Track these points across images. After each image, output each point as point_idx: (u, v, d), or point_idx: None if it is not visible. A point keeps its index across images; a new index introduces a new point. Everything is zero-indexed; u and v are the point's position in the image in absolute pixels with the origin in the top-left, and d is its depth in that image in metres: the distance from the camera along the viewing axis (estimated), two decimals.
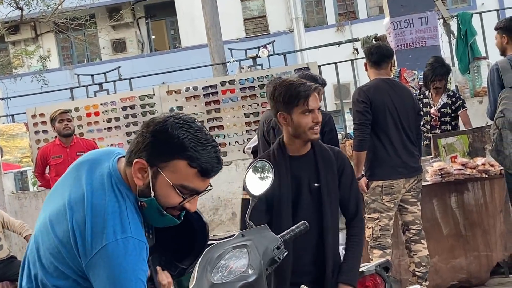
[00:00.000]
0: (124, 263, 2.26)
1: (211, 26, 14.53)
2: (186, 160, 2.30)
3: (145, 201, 2.36)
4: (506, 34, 6.46)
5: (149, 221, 2.45)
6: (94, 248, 2.27)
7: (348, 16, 25.97)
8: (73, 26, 20.24)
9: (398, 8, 8.61)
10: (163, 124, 2.34)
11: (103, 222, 2.29)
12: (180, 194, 2.35)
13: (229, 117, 9.97)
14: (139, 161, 2.32)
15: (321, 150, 3.91)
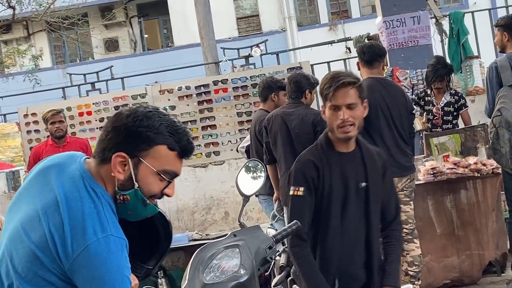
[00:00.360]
0: (108, 262, 2.26)
1: (204, 25, 14.52)
2: (166, 144, 2.37)
3: (128, 193, 2.37)
4: (507, 31, 6.47)
5: (129, 216, 2.45)
6: (76, 250, 2.26)
7: (341, 15, 26.00)
8: (65, 25, 20.19)
9: (391, 7, 8.62)
10: (135, 115, 2.37)
11: (82, 223, 2.28)
12: (165, 179, 2.39)
13: (221, 117, 9.95)
14: (119, 155, 2.34)
15: (367, 149, 3.79)
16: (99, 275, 2.25)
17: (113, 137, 2.37)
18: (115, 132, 2.37)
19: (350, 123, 3.57)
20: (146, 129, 2.35)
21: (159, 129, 2.36)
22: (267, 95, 7.30)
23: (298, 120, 6.60)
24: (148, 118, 2.37)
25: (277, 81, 7.40)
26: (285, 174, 6.68)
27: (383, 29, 8.68)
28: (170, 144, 2.38)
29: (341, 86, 3.55)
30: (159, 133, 2.36)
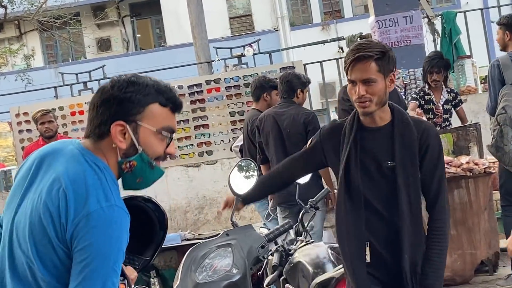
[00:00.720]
0: (109, 231, 2.25)
1: (197, 24, 14.50)
2: (157, 102, 2.42)
3: (133, 159, 2.40)
4: (509, 31, 6.49)
5: (138, 184, 2.47)
6: (77, 215, 2.25)
7: (334, 15, 26.00)
8: (57, 24, 20.14)
9: (383, 7, 8.62)
10: (120, 84, 2.40)
11: (86, 192, 2.28)
12: (166, 136, 2.44)
13: (214, 116, 9.94)
14: (117, 124, 2.36)
15: (402, 123, 3.37)
16: (96, 243, 2.23)
17: (105, 110, 2.38)
18: (105, 105, 2.38)
19: (367, 99, 3.29)
20: (135, 93, 2.38)
21: (146, 90, 2.40)
22: (259, 94, 7.29)
23: (290, 120, 6.61)
24: (132, 83, 2.40)
25: (270, 81, 7.39)
26: None
27: (376, 28, 8.68)
28: (161, 101, 2.42)
29: (357, 60, 3.27)
30: (147, 93, 2.40)
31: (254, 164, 4.26)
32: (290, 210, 6.50)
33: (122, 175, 2.43)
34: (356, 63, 3.26)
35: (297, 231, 4.49)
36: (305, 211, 4.64)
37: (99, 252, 2.23)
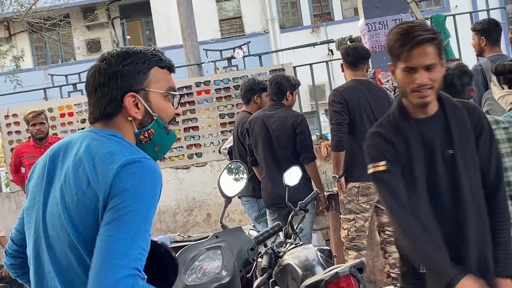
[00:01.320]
0: (143, 177, 2.24)
1: (186, 26, 14.49)
2: (156, 65, 2.47)
3: (151, 127, 2.43)
4: (484, 36, 6.53)
5: (157, 152, 2.49)
6: (108, 176, 2.22)
7: (323, 18, 26.04)
8: (47, 26, 20.07)
9: (373, 9, 8.64)
10: (117, 58, 2.42)
11: (111, 155, 2.27)
12: (174, 95, 2.51)
13: (204, 118, 9.94)
14: (128, 95, 2.39)
15: (453, 108, 3.19)
16: (132, 188, 2.20)
17: (111, 88, 2.40)
18: (109, 82, 2.40)
19: (428, 87, 3.04)
20: (135, 62, 2.42)
21: (142, 56, 2.44)
22: (249, 97, 7.30)
23: (278, 122, 6.62)
24: (127, 53, 2.44)
25: (259, 83, 7.39)
26: (265, 177, 6.69)
27: (365, 31, 8.70)
28: (159, 63, 2.48)
29: (418, 43, 3.00)
30: (145, 59, 2.44)
31: (243, 167, 4.26)
32: (280, 212, 6.52)
33: (140, 146, 2.43)
34: (416, 47, 3.01)
35: (287, 234, 4.50)
36: (295, 214, 4.65)
37: (134, 196, 2.20)
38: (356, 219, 6.26)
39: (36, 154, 8.09)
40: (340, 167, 6.25)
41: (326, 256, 4.24)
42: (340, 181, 6.29)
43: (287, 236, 4.48)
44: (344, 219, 6.36)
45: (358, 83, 6.43)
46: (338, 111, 6.22)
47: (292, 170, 5.01)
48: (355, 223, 6.26)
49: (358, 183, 6.24)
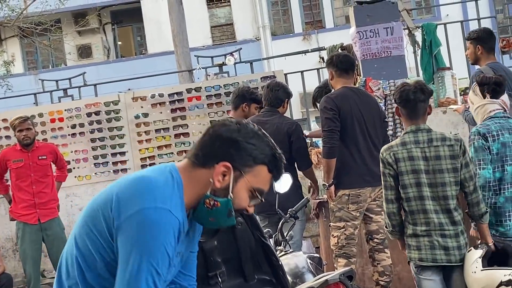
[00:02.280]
0: (156, 231, 2.32)
1: (178, 33, 14.49)
2: (267, 165, 2.53)
3: (220, 201, 2.48)
4: (480, 44, 6.55)
5: (208, 222, 2.55)
6: (131, 209, 2.33)
7: (315, 25, 26.09)
8: (38, 31, 20.03)
9: (364, 18, 8.65)
10: (246, 132, 2.52)
11: (147, 187, 2.37)
12: (257, 196, 2.53)
13: (194, 124, 9.93)
14: (225, 165, 2.47)
15: None
16: (143, 240, 2.31)
17: (222, 146, 2.50)
18: (224, 142, 2.50)
19: None
20: (255, 148, 2.50)
21: (265, 150, 2.52)
22: (238, 103, 7.25)
23: (273, 129, 6.61)
24: (257, 136, 2.53)
25: (252, 93, 7.34)
26: None
27: (357, 39, 8.71)
28: (270, 166, 2.53)
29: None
30: (264, 153, 2.52)
31: None
32: (270, 219, 6.50)
33: (199, 207, 2.50)
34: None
35: (277, 241, 4.49)
36: (285, 221, 4.64)
37: (144, 250, 2.30)
38: (346, 226, 6.26)
39: (23, 158, 8.03)
40: (331, 175, 6.24)
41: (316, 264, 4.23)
42: (330, 189, 6.28)
43: (277, 243, 4.47)
44: (334, 226, 6.35)
45: (349, 90, 6.43)
46: (330, 118, 6.21)
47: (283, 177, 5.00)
48: (345, 230, 6.25)
49: (348, 191, 6.23)
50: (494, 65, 6.51)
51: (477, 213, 4.75)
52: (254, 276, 2.92)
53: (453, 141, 4.70)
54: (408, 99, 4.78)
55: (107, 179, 9.91)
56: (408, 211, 4.80)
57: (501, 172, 4.98)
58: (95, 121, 10.08)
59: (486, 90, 5.09)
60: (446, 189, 4.67)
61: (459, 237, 4.72)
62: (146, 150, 9.97)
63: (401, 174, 4.78)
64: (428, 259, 4.76)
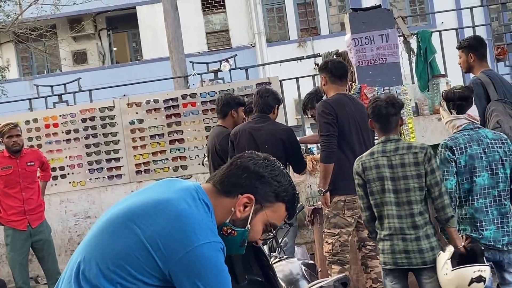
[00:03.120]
0: (219, 263, 2.40)
1: (173, 39, 14.49)
2: (287, 204, 2.61)
3: (238, 230, 2.55)
4: (472, 52, 6.56)
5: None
6: (183, 248, 2.34)
7: (310, 32, 26.13)
8: (33, 36, 20.02)
9: (359, 24, 8.66)
10: (273, 169, 2.60)
11: (192, 225, 2.39)
12: (271, 231, 2.65)
13: (189, 130, 9.93)
14: (249, 197, 2.54)
15: None
16: (212, 276, 2.37)
17: (248, 179, 2.56)
18: (252, 175, 2.57)
19: None
20: (279, 185, 2.58)
21: (287, 189, 2.60)
22: (226, 111, 7.27)
23: (268, 135, 6.61)
24: (282, 175, 2.60)
25: (236, 98, 7.40)
26: None
27: (352, 46, 8.72)
28: (288, 205, 2.61)
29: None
30: (286, 192, 2.59)
31: None
32: None
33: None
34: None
35: (271, 247, 4.49)
36: (279, 227, 4.64)
37: (218, 282, 2.39)
38: (340, 233, 6.25)
39: (12, 165, 7.94)
40: (328, 180, 6.21)
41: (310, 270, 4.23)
42: (326, 195, 6.27)
43: (272, 250, 4.46)
44: (328, 233, 6.34)
45: (345, 97, 6.44)
46: (329, 123, 6.20)
47: None
48: (339, 237, 6.24)
49: (344, 197, 6.22)
50: (489, 73, 6.52)
51: (443, 217, 4.92)
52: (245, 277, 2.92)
53: (418, 149, 4.98)
54: (380, 114, 5.03)
55: (101, 184, 9.91)
56: (377, 217, 5.08)
57: (470, 183, 5.08)
58: (89, 127, 10.08)
59: (452, 106, 5.22)
60: (410, 195, 4.92)
61: (420, 241, 4.93)
62: (141, 156, 9.96)
63: (368, 182, 5.07)
64: (389, 262, 5.01)
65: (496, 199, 5.08)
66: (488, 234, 5.04)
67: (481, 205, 5.06)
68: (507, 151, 5.12)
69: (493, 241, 5.03)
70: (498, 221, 5.07)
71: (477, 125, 5.23)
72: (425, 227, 4.97)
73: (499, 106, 6.19)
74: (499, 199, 5.08)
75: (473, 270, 4.70)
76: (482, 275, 4.68)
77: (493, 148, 5.10)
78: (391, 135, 5.09)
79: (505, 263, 5.09)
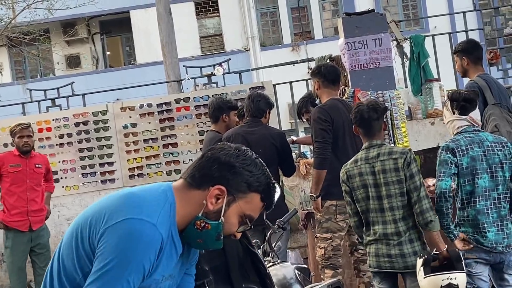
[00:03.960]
0: (136, 243, 2.34)
1: (167, 43, 14.46)
2: (261, 194, 2.54)
3: (211, 223, 2.49)
4: (465, 56, 6.58)
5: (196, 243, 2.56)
6: (118, 217, 2.36)
7: (304, 36, 26.15)
8: (26, 40, 20.00)
9: (353, 29, 8.68)
10: (245, 158, 2.54)
11: (135, 201, 2.41)
12: (246, 223, 2.56)
13: (183, 135, 9.92)
14: (220, 188, 2.48)
15: None
16: (122, 249, 2.33)
17: (218, 170, 2.50)
18: (221, 166, 2.51)
19: None
20: (251, 175, 2.52)
21: (260, 178, 2.53)
22: (218, 116, 7.29)
23: (262, 139, 6.63)
24: (255, 164, 2.54)
25: (227, 102, 7.41)
26: None
27: (345, 50, 8.73)
28: (263, 196, 2.55)
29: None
30: (259, 182, 2.53)
31: None
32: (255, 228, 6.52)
33: (189, 227, 2.51)
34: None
35: (265, 251, 4.48)
36: (273, 231, 4.64)
37: (120, 259, 2.32)
38: (333, 238, 6.26)
39: (21, 164, 8.02)
40: (320, 186, 6.23)
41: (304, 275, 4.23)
42: (317, 200, 6.28)
43: (265, 254, 4.46)
44: (320, 238, 6.35)
45: (339, 102, 6.45)
46: (325, 129, 6.22)
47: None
48: (332, 242, 6.25)
49: (335, 201, 6.23)
50: (485, 77, 6.54)
51: (422, 222, 5.00)
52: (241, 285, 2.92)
53: (398, 154, 5.04)
54: (363, 119, 5.12)
55: (95, 189, 9.89)
56: (365, 223, 5.18)
57: (472, 185, 5.10)
58: (83, 131, 10.06)
59: (455, 106, 5.24)
60: (392, 201, 5.01)
61: (402, 246, 5.01)
62: (134, 160, 9.95)
63: (353, 190, 5.18)
64: (374, 265, 5.12)
65: (496, 201, 5.10)
66: (491, 236, 5.06)
67: (482, 207, 5.08)
68: (507, 154, 5.14)
69: (495, 244, 5.06)
70: (498, 223, 5.09)
71: (477, 128, 5.26)
72: (407, 232, 5.04)
73: (496, 110, 6.22)
74: (499, 202, 5.10)
75: (442, 278, 4.77)
76: (452, 283, 4.74)
77: (493, 151, 5.12)
78: (374, 140, 5.17)
79: (505, 265, 5.12)
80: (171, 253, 2.50)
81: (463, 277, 4.80)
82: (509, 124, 6.26)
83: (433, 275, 4.79)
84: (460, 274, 4.80)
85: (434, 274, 4.79)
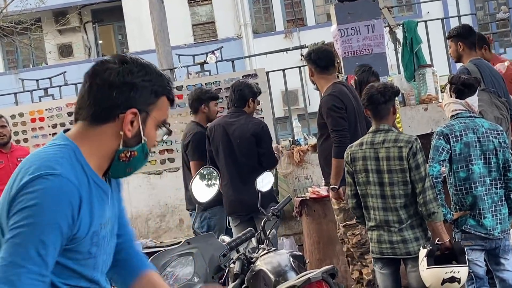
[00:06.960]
0: (41, 200, 2.13)
1: (159, 31, 14.44)
2: (166, 94, 2.41)
3: (136, 149, 2.35)
4: (461, 40, 6.57)
5: (126, 173, 2.41)
6: (17, 187, 2.17)
7: (296, 23, 26.10)
8: (18, 30, 19.91)
9: (345, 15, 8.67)
10: (139, 69, 2.35)
11: (31, 163, 2.21)
12: (167, 128, 2.46)
13: (176, 123, 9.89)
14: (132, 111, 2.31)
15: None
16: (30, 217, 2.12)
17: (118, 94, 2.30)
18: (121, 87, 2.30)
19: None
20: (153, 83, 2.36)
21: (159, 80, 2.38)
22: (197, 107, 7.29)
23: (240, 129, 6.61)
24: (148, 69, 2.37)
25: (207, 92, 7.41)
26: (227, 184, 6.64)
27: (338, 37, 8.72)
28: (169, 93, 2.42)
29: None
30: (162, 85, 2.39)
31: (216, 173, 4.26)
32: (241, 219, 6.57)
33: (114, 163, 2.35)
34: None
35: (259, 239, 4.49)
36: (267, 219, 4.64)
37: (33, 230, 2.11)
38: None
39: (3, 160, 7.77)
40: (341, 175, 6.02)
41: (298, 262, 4.24)
42: (339, 190, 6.14)
43: (260, 242, 4.47)
44: (351, 225, 6.20)
45: (343, 86, 6.42)
46: (342, 117, 6.15)
47: (265, 175, 5.01)
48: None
49: None
50: (477, 62, 6.53)
51: (425, 213, 4.98)
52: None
53: (403, 142, 5.01)
54: (371, 101, 5.08)
55: None
56: (363, 207, 5.20)
57: (466, 171, 5.13)
58: None
59: (453, 89, 5.27)
60: (394, 189, 5.00)
61: (403, 232, 5.02)
62: None
63: (356, 173, 5.18)
64: (376, 251, 5.15)
65: (489, 187, 5.14)
66: (487, 222, 5.09)
67: (480, 192, 5.11)
68: (502, 142, 5.16)
69: (491, 229, 5.09)
70: (493, 209, 5.13)
71: (473, 114, 5.27)
72: (409, 220, 5.04)
73: (485, 95, 6.21)
74: (492, 187, 5.13)
75: (445, 271, 4.80)
76: (455, 276, 4.77)
77: (488, 138, 5.13)
78: (381, 124, 5.12)
79: (500, 250, 5.16)
80: (101, 197, 2.33)
81: (465, 271, 4.84)
82: (498, 109, 6.26)
83: (436, 267, 4.81)
84: (463, 268, 4.83)
85: (437, 266, 4.81)
